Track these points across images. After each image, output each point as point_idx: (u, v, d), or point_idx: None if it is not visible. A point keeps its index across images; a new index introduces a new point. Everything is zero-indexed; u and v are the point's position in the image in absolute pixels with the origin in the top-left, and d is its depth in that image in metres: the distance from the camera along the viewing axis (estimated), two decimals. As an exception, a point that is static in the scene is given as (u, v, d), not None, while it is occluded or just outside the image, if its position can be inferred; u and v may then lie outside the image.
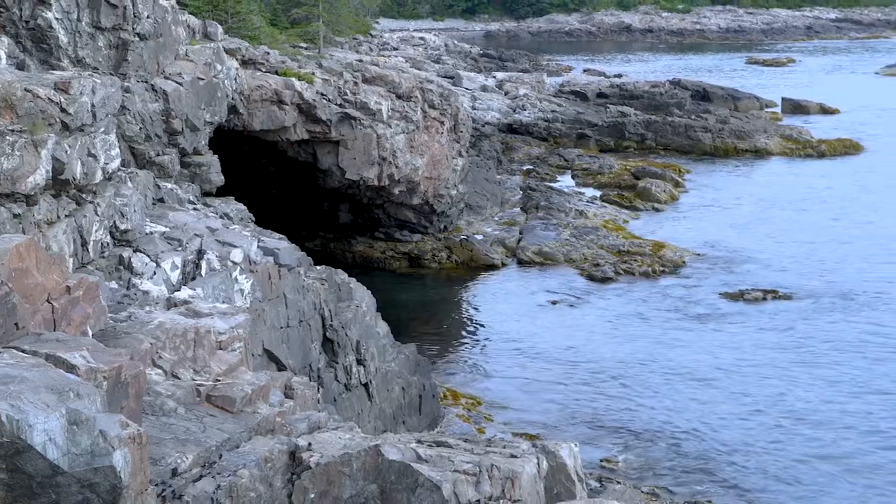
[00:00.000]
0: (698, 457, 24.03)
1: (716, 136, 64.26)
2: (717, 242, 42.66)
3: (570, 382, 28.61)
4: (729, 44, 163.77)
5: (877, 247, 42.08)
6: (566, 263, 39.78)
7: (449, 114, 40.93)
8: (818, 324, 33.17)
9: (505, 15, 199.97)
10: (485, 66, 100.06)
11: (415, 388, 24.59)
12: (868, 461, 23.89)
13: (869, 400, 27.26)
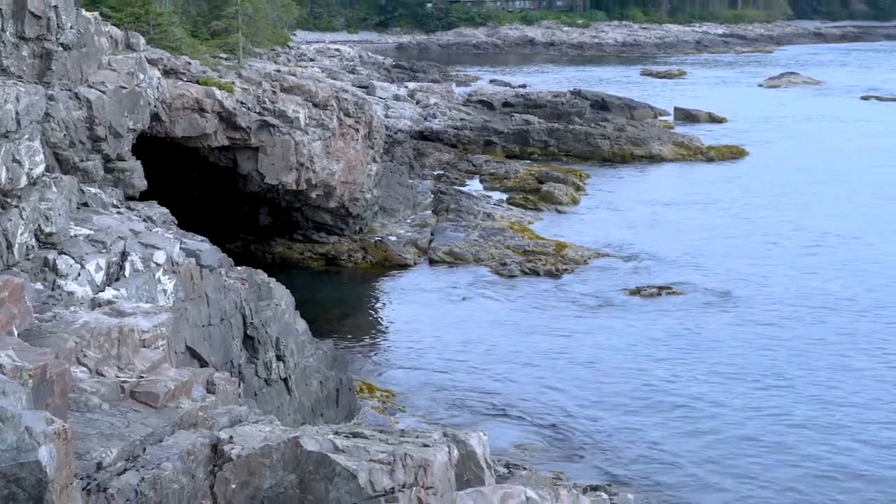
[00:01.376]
0: (598, 443, 24.22)
1: (613, 143, 64.93)
2: (616, 242, 43.10)
3: (480, 374, 28.69)
4: (625, 57, 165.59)
5: (759, 245, 42.88)
6: (475, 263, 39.90)
7: (363, 121, 40.85)
8: (707, 317, 33.65)
9: (416, 28, 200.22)
10: (397, 77, 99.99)
11: (332, 382, 24.48)
12: (741, 435, 24.30)
13: (749, 385, 27.72)
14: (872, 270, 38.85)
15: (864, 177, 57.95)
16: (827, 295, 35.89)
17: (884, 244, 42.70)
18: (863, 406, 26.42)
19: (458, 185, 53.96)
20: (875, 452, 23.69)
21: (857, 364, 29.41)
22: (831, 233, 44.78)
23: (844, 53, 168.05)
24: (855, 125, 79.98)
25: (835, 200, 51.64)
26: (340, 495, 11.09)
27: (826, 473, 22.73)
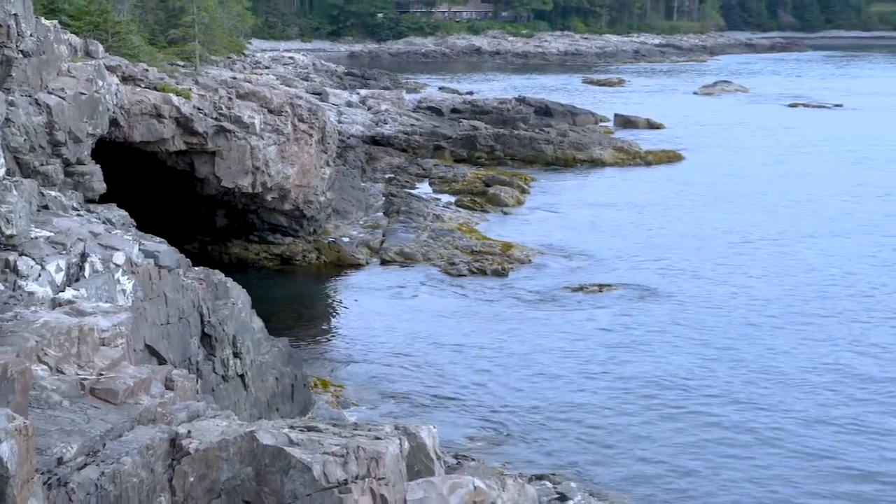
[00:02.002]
0: (542, 433, 24.28)
1: (557, 148, 65.22)
2: (559, 242, 43.29)
3: (431, 369, 28.68)
4: (567, 65, 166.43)
5: (693, 244, 43.27)
6: (425, 262, 39.90)
7: (317, 127, 40.67)
8: (643, 311, 33.88)
9: (367, 37, 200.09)
10: (349, 84, 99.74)
11: (287, 377, 24.36)
12: (675, 420, 24.49)
13: (683, 373, 27.93)
14: (794, 268, 39.37)
15: (791, 180, 58.71)
16: (752, 291, 36.31)
17: (805, 244, 43.30)
18: (782, 385, 26.81)
19: (408, 188, 53.91)
20: (793, 433, 24.02)
21: (781, 349, 29.81)
22: (758, 233, 45.33)
23: (773, 63, 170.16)
24: (783, 131, 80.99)
25: (764, 203, 52.29)
26: (295, 487, 11.04)
27: (749, 447, 23.05)
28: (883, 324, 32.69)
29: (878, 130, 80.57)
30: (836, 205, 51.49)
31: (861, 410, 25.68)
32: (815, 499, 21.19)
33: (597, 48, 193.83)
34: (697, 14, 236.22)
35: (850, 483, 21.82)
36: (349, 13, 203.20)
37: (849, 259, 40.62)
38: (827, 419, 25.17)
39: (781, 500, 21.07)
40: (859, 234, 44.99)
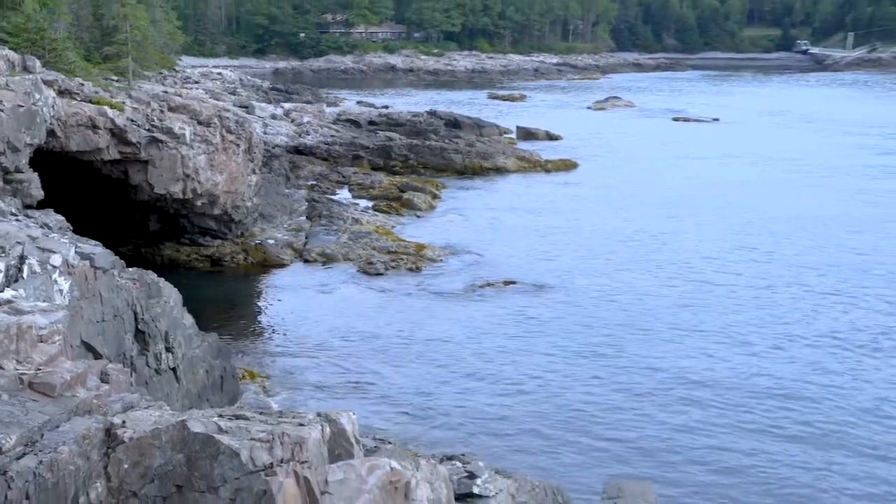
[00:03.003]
0: (454, 417, 24.33)
1: (465, 157, 65.45)
2: (468, 242, 43.45)
3: (349, 359, 28.55)
4: (474, 82, 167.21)
5: (587, 242, 43.83)
6: (345, 262, 39.72)
7: (244, 137, 40.24)
8: (542, 305, 34.20)
9: (290, 55, 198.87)
10: (274, 98, 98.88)
11: (217, 370, 24.03)
12: (572, 404, 24.78)
13: (575, 360, 28.25)
14: (671, 263, 40.09)
15: (673, 185, 59.73)
16: (634, 284, 36.89)
17: (683, 242, 44.12)
18: (655, 370, 27.30)
19: (329, 194, 53.66)
20: (660, 406, 24.44)
21: (657, 334, 30.33)
22: (643, 232, 46.13)
23: (658, 81, 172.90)
24: (668, 141, 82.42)
25: (648, 205, 53.10)
26: (224, 471, 10.89)
27: (625, 420, 23.40)
28: (747, 310, 33.48)
29: (749, 141, 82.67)
30: (712, 207, 52.54)
31: (725, 390, 26.30)
32: (667, 454, 21.58)
33: (501, 66, 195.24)
34: (591, 36, 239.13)
35: (701, 447, 22.26)
36: (273, 32, 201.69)
37: (719, 256, 41.48)
38: (696, 396, 25.69)
39: (630, 461, 21.41)
40: (730, 233, 45.99)
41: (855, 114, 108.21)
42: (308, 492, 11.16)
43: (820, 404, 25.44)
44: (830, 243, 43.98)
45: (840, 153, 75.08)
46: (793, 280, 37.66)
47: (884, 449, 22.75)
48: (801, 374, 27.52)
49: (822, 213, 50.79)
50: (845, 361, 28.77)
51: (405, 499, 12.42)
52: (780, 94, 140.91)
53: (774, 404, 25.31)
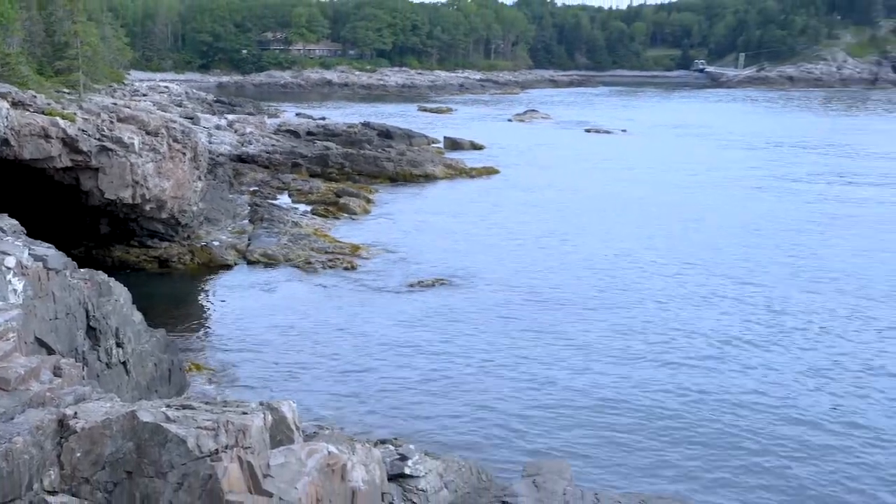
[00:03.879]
0: (386, 403, 24.27)
1: (396, 165, 65.37)
2: (399, 243, 43.41)
3: (291, 351, 28.31)
4: (404, 96, 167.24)
5: (507, 242, 44.06)
6: (285, 262, 39.39)
7: (189, 146, 39.65)
8: (467, 299, 34.29)
9: (233, 70, 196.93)
10: (218, 110, 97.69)
11: (165, 363, 23.64)
12: (487, 390, 24.92)
13: (493, 350, 28.41)
14: (581, 260, 40.53)
15: (586, 190, 60.41)
16: (549, 278, 37.20)
17: (592, 240, 44.62)
18: (566, 348, 27.60)
19: (270, 199, 53.15)
20: (572, 389, 24.72)
21: (566, 323, 30.67)
22: (557, 232, 46.59)
23: (572, 96, 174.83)
24: (581, 150, 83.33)
25: (562, 207, 53.63)
26: (172, 457, 10.74)
27: (538, 399, 23.61)
28: (646, 301, 34.01)
29: (653, 150, 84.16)
30: (620, 208, 53.25)
31: (628, 369, 26.67)
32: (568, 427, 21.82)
33: (429, 82, 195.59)
34: (511, 55, 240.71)
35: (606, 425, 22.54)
36: (217, 49, 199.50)
37: (625, 252, 42.01)
38: (604, 377, 26.01)
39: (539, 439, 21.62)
40: (634, 231, 46.64)
41: (745, 126, 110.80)
42: (251, 475, 11.06)
43: (703, 374, 25.92)
44: (722, 237, 44.87)
45: (731, 160, 76.89)
46: (689, 271, 38.33)
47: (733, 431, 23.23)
48: (694, 353, 28.00)
49: (715, 212, 51.85)
50: (731, 348, 29.33)
51: (342, 480, 12.37)
52: (680, 109, 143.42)
53: (672, 378, 25.70)
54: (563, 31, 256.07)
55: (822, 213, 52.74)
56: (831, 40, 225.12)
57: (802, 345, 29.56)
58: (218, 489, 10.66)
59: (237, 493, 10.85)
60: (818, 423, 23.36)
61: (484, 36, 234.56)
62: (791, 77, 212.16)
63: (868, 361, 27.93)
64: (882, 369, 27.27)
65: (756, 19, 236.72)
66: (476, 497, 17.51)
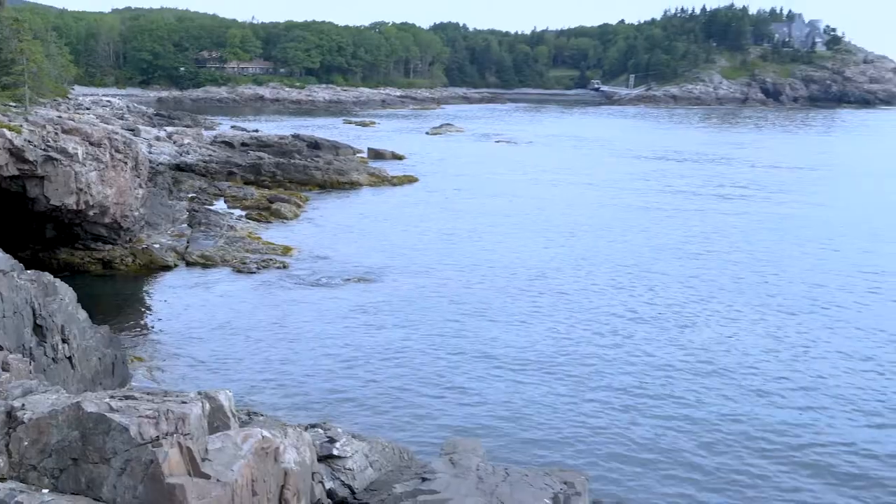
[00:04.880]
0: (316, 390, 24.08)
1: (324, 173, 64.91)
2: (328, 244, 43.13)
3: (227, 344, 27.87)
4: (331, 110, 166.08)
5: (425, 243, 44.15)
6: (222, 263, 38.75)
7: (131, 156, 38.69)
8: (389, 294, 34.25)
9: (172, 86, 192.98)
10: (158, 123, 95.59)
11: (108, 357, 23.00)
12: (402, 376, 24.95)
13: (407, 339, 28.48)
14: (490, 259, 40.88)
15: (497, 195, 60.86)
16: (463, 275, 37.43)
17: (502, 241, 45.03)
18: (482, 343, 27.84)
19: (207, 205, 52.23)
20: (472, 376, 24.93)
21: (481, 318, 30.94)
22: (469, 234, 46.80)
23: (483, 111, 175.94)
24: (492, 159, 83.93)
25: (478, 210, 53.95)
26: (115, 444, 10.49)
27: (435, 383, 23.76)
28: (544, 290, 34.46)
29: (555, 158, 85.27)
30: (528, 210, 53.81)
31: (535, 354, 26.98)
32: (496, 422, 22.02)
33: (353, 97, 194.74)
34: (428, 74, 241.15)
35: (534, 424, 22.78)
36: (157, 66, 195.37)
37: (530, 249, 42.53)
38: (513, 361, 26.27)
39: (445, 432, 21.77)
40: (539, 230, 47.23)
41: (635, 138, 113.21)
42: (190, 459, 10.85)
43: (603, 361, 26.40)
44: (614, 232, 45.74)
45: (622, 166, 78.39)
46: (582, 263, 38.96)
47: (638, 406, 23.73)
48: (589, 330, 28.48)
49: (610, 209, 52.82)
50: (628, 329, 29.95)
51: (275, 462, 12.22)
52: (578, 123, 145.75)
53: (570, 357, 26.09)
54: (475, 53, 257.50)
55: (695, 209, 54.16)
56: (708, 64, 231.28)
57: (672, 326, 30.29)
58: (159, 473, 10.44)
59: (177, 475, 10.63)
60: (658, 400, 23.97)
61: (403, 57, 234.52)
62: (674, 96, 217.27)
63: (726, 353, 28.78)
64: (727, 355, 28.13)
65: (644, 45, 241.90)
66: (398, 474, 17.49)
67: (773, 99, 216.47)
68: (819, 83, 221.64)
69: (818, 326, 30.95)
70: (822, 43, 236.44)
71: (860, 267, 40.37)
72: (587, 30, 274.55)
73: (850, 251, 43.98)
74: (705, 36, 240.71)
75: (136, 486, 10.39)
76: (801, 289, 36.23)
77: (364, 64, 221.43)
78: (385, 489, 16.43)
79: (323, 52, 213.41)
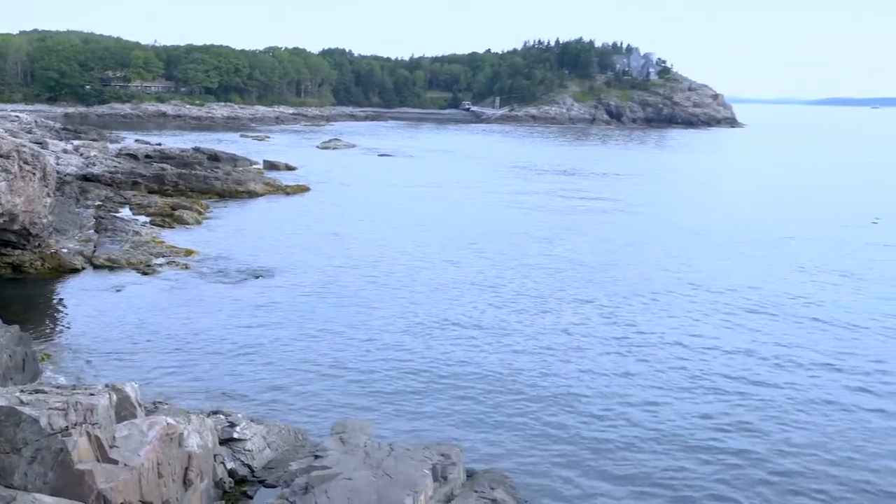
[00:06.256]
0: (218, 380, 23.50)
1: (224, 183, 63.21)
2: (227, 247, 42.08)
3: (132, 338, 26.81)
4: (229, 126, 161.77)
5: (316, 246, 43.67)
6: (128, 266, 37.21)
7: (39, 167, 36.61)
8: (284, 291, 33.77)
9: (78, 102, 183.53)
10: (65, 136, 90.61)
11: (19, 355, 21.73)
12: (293, 362, 24.72)
13: (307, 331, 28.19)
14: (376, 258, 40.90)
15: (383, 202, 60.83)
16: (345, 276, 37.29)
17: (387, 241, 45.07)
18: (372, 334, 27.84)
19: (113, 212, 50.01)
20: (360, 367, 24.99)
21: (358, 309, 30.92)
22: (360, 235, 46.62)
23: (368, 128, 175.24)
24: (376, 170, 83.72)
25: (364, 216, 53.75)
26: (26, 435, 10.00)
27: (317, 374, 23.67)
28: (415, 285, 34.73)
29: (432, 170, 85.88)
30: (408, 215, 53.99)
31: (410, 336, 27.16)
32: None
33: (250, 114, 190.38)
34: (317, 94, 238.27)
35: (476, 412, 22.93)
36: (63, 84, 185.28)
37: (410, 248, 42.73)
38: (393, 343, 26.36)
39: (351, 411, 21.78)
40: (418, 234, 47.52)
41: (500, 151, 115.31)
42: (99, 446, 10.46)
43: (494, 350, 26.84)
44: (483, 236, 46.53)
45: (488, 175, 79.59)
46: (456, 258, 39.46)
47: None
48: (471, 326, 28.88)
49: (478, 212, 53.66)
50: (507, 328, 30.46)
51: (179, 446, 11.91)
52: (451, 138, 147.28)
53: (452, 343, 26.38)
54: (360, 76, 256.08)
55: (553, 210, 55.68)
56: (562, 89, 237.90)
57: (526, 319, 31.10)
58: (68, 460, 10.02)
59: (86, 462, 10.23)
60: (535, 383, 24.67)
61: (295, 78, 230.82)
62: (534, 116, 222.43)
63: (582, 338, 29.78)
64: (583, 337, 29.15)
65: (507, 71, 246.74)
66: (294, 453, 17.31)
67: (616, 119, 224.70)
68: (653, 106, 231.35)
69: (642, 308, 32.36)
70: (654, 72, 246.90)
71: (680, 257, 42.47)
72: (458, 57, 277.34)
73: (672, 244, 46.20)
74: (559, 64, 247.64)
75: (47, 473, 9.95)
76: (631, 275, 37.79)
77: (259, 84, 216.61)
78: (282, 467, 16.24)
79: (221, 72, 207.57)
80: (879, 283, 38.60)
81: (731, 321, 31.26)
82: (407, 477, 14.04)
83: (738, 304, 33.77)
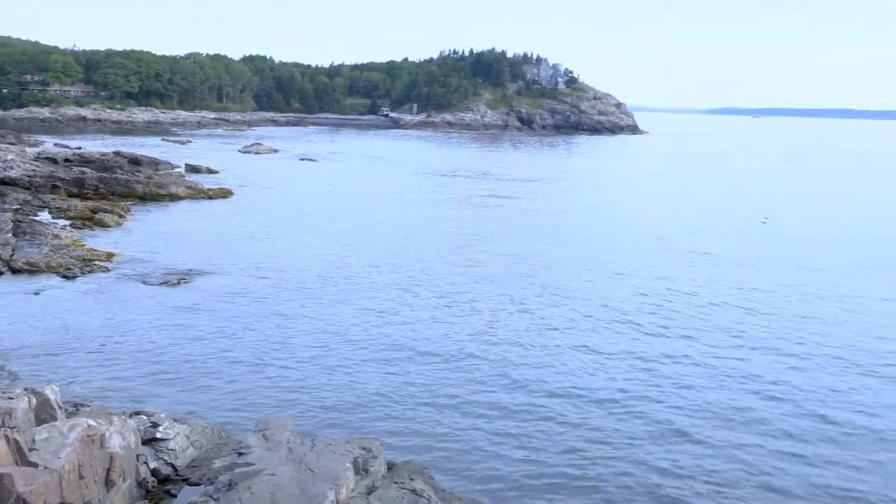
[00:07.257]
0: (138, 379, 22.77)
1: (145, 187, 61.27)
2: (149, 250, 40.82)
3: (53, 342, 25.69)
4: (151, 130, 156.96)
5: (239, 248, 42.82)
6: (48, 269, 35.64)
7: (-49, 172, 34.75)
8: (206, 292, 33.01)
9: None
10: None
11: (-67, 362, 20.59)
12: (227, 358, 24.28)
13: (234, 331, 27.71)
14: (310, 260, 40.39)
15: (303, 203, 60.12)
16: (284, 276, 36.73)
17: (312, 242, 44.61)
18: (301, 331, 27.52)
19: (32, 216, 47.76)
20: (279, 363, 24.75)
21: (285, 308, 30.57)
22: (281, 237, 45.98)
23: (289, 133, 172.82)
24: (297, 174, 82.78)
25: (285, 218, 53.02)
26: (-60, 443, 9.49)
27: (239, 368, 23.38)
28: (341, 284, 34.55)
29: (353, 173, 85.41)
30: (331, 217, 53.50)
31: (344, 337, 26.99)
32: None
33: (171, 119, 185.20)
34: (239, 99, 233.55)
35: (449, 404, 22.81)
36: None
37: (326, 251, 42.41)
38: (322, 340, 26.16)
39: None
40: (337, 234, 47.16)
41: (417, 155, 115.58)
42: (18, 450, 10.04)
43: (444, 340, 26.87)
44: (399, 230, 46.57)
45: (406, 178, 79.68)
46: (372, 257, 39.39)
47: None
48: (389, 323, 28.87)
49: (395, 212, 53.68)
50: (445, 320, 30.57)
51: (101, 447, 11.54)
52: (370, 143, 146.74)
53: (365, 344, 26.30)
54: (281, 82, 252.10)
55: (471, 211, 56.24)
56: (476, 96, 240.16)
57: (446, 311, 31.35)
58: (-14, 465, 9.57)
59: (5, 465, 9.80)
60: (490, 381, 24.93)
61: (217, 83, 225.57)
62: (450, 122, 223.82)
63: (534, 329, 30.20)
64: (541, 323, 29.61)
65: (424, 79, 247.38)
66: (217, 451, 16.97)
67: (527, 126, 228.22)
68: (561, 114, 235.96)
69: (553, 300, 33.07)
70: (562, 82, 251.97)
71: (589, 251, 43.59)
72: (377, 65, 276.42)
73: (580, 240, 47.33)
74: (473, 73, 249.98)
75: (-37, 479, 9.48)
76: (542, 270, 38.55)
77: (180, 89, 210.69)
78: (205, 465, 15.91)
79: (141, 77, 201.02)
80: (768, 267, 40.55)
81: (633, 306, 32.24)
82: (329, 471, 13.97)
83: (639, 288, 34.85)
